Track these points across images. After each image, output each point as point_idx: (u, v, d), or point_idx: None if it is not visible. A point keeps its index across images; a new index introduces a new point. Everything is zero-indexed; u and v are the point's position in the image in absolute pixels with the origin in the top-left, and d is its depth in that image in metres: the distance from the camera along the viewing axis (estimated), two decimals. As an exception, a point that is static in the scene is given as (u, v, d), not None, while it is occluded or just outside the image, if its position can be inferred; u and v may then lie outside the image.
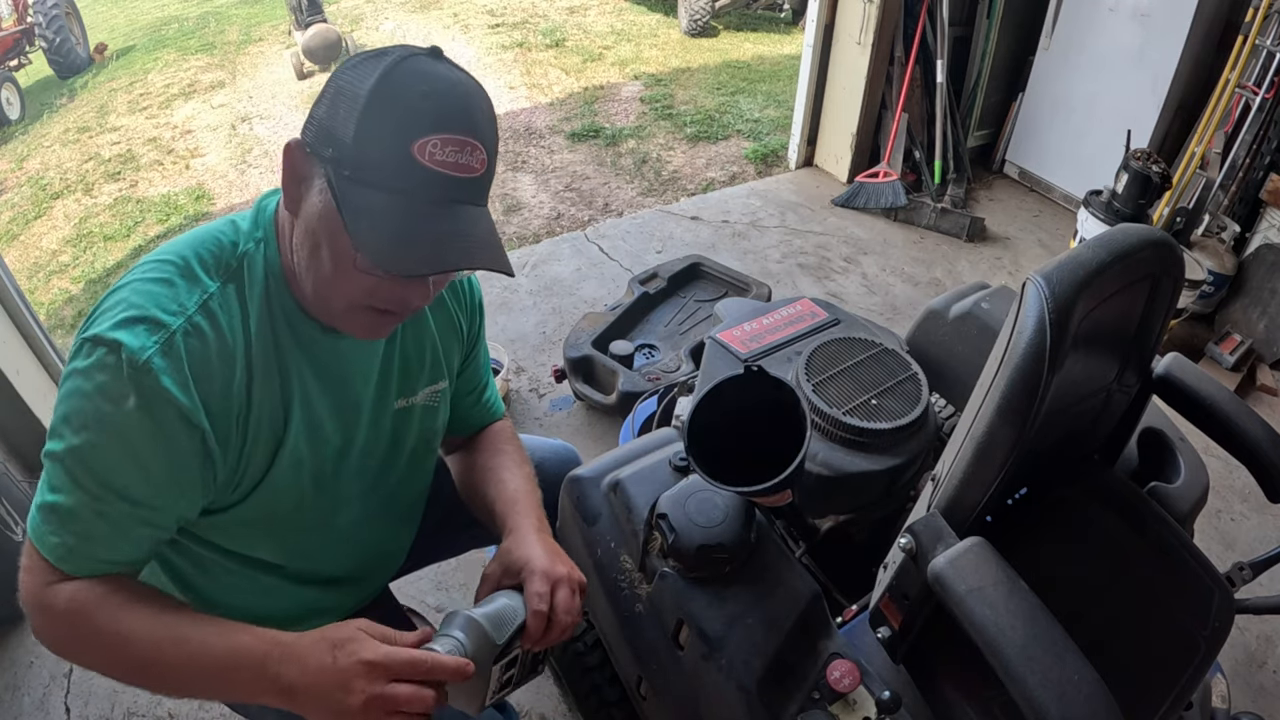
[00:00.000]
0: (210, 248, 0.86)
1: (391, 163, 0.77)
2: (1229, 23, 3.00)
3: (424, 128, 0.77)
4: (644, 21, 6.85)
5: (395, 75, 0.77)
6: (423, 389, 1.07)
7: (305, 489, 0.96)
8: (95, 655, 0.82)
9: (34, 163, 5.06)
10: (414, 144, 0.76)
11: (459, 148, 0.78)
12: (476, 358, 1.17)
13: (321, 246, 0.81)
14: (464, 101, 0.79)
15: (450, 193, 0.79)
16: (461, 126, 0.78)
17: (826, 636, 1.06)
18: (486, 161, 0.81)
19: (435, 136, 0.77)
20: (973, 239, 3.48)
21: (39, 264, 3.87)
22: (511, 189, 4.02)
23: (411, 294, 0.85)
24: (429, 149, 0.77)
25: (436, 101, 0.78)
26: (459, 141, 0.78)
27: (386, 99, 0.77)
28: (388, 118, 0.77)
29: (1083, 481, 1.25)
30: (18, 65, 6.69)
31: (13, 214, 4.41)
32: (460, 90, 0.80)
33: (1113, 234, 0.97)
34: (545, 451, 1.39)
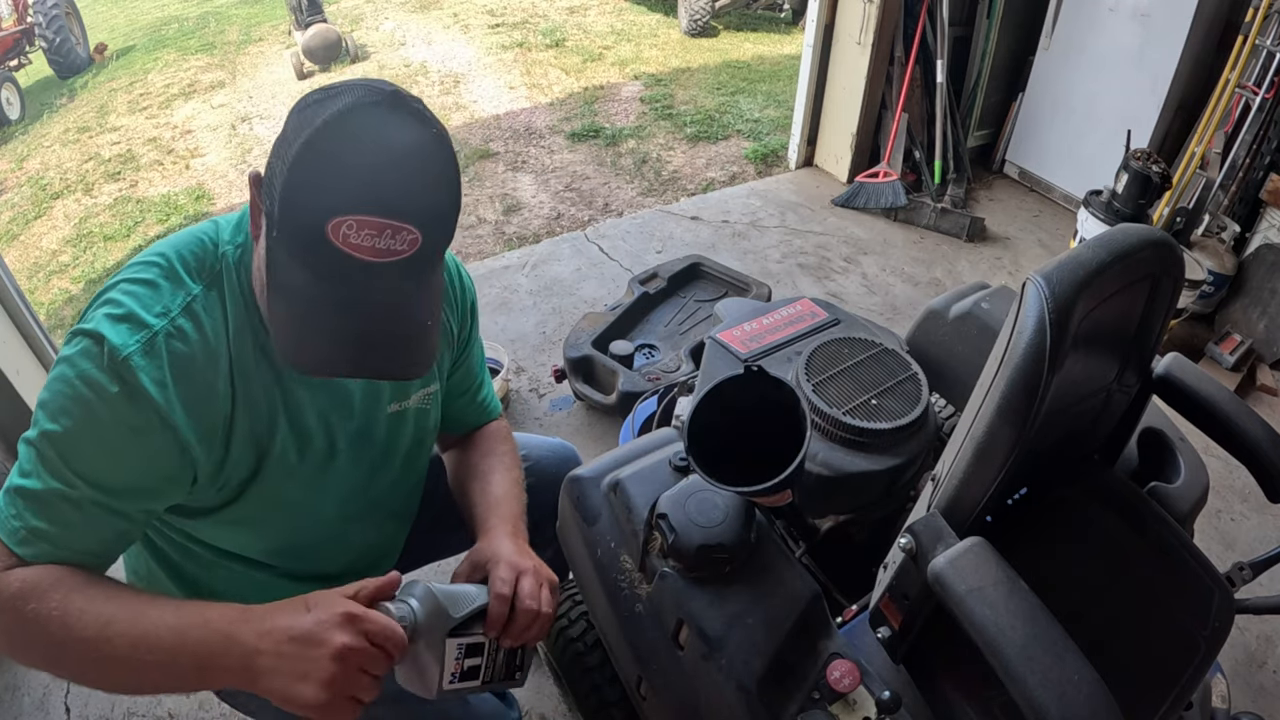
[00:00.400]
0: (194, 249, 0.86)
1: (308, 238, 0.71)
2: (1229, 23, 3.00)
3: (342, 205, 0.71)
4: (644, 21, 6.85)
5: (330, 132, 0.71)
6: (415, 392, 1.06)
7: (294, 492, 0.96)
8: (40, 644, 0.76)
9: (34, 163, 5.06)
10: (329, 223, 0.70)
11: (377, 231, 0.71)
12: (469, 359, 1.16)
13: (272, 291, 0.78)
14: (398, 172, 0.73)
15: (369, 279, 0.73)
16: (385, 207, 0.71)
17: (826, 636, 1.06)
18: (420, 240, 0.74)
19: (352, 217, 0.70)
20: (973, 239, 3.48)
21: (39, 264, 3.87)
22: (511, 189, 4.02)
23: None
24: (344, 230, 0.70)
25: (363, 174, 0.71)
26: (378, 225, 0.71)
27: (312, 162, 0.71)
28: (309, 185, 0.72)
29: (1083, 481, 1.25)
30: (18, 65, 6.69)
31: (13, 214, 4.41)
32: (398, 156, 0.73)
33: (1113, 234, 0.97)
34: (544, 450, 1.39)
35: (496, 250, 3.47)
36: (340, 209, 0.70)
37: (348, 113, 0.72)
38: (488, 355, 2.54)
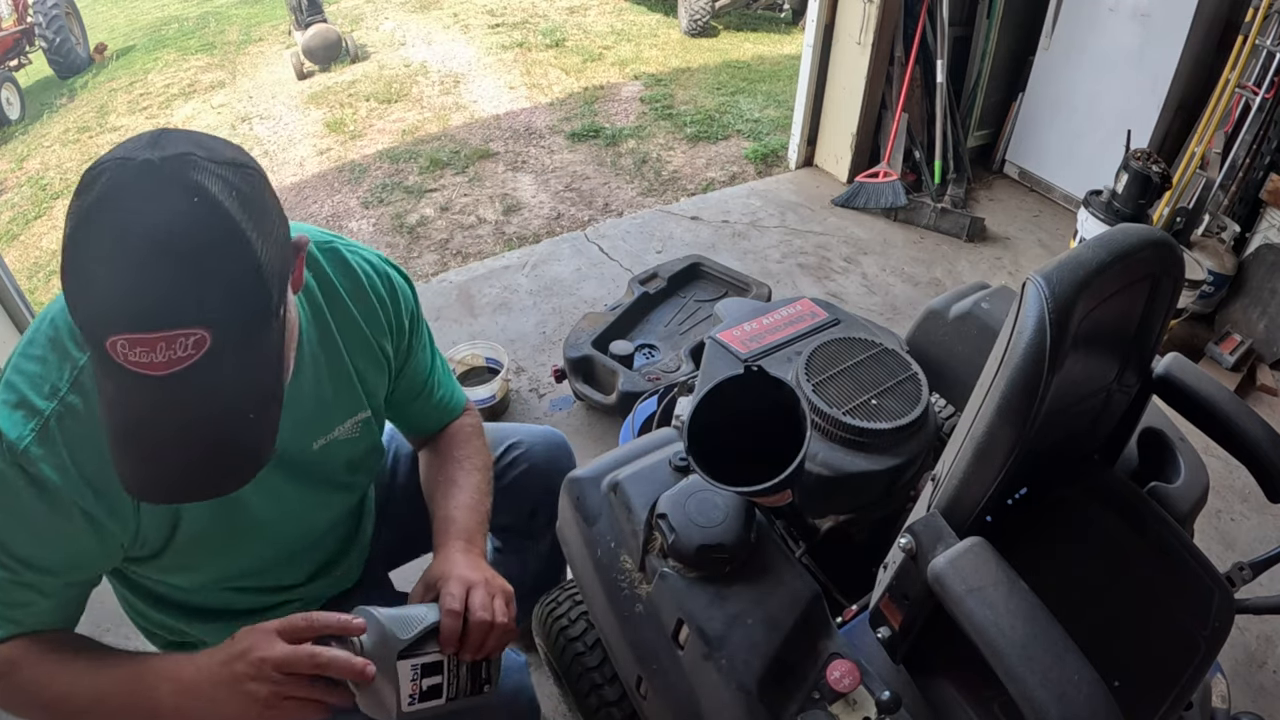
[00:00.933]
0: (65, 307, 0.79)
1: (96, 354, 0.65)
2: (1229, 22, 3.00)
3: (107, 322, 0.63)
4: (644, 21, 6.84)
5: (81, 234, 0.63)
6: (340, 424, 1.02)
7: (218, 541, 0.94)
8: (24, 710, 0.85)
9: (34, 163, 5.06)
10: (106, 341, 0.63)
11: (150, 347, 0.63)
12: (411, 367, 1.11)
13: None
14: (153, 273, 0.63)
15: (165, 393, 0.65)
16: (148, 319, 0.63)
17: (826, 636, 1.06)
18: (209, 337, 0.64)
19: (121, 336, 0.63)
20: (973, 239, 3.48)
21: (39, 264, 3.87)
22: (511, 189, 4.03)
23: None
24: (120, 348, 0.63)
25: (116, 286, 0.63)
26: (149, 340, 0.63)
27: (72, 271, 0.64)
28: (76, 297, 0.65)
29: (1083, 481, 1.25)
30: (18, 65, 6.69)
31: (13, 214, 4.41)
32: (150, 251, 0.63)
33: (1113, 234, 0.97)
34: (534, 438, 1.39)
35: (496, 250, 3.47)
36: (108, 327, 0.63)
37: (97, 205, 0.64)
38: (488, 355, 2.55)
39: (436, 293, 3.05)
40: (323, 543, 1.13)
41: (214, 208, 0.65)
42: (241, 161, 0.71)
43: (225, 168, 0.68)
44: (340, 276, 0.98)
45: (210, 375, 0.66)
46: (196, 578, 1.00)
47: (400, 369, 1.09)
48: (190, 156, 0.66)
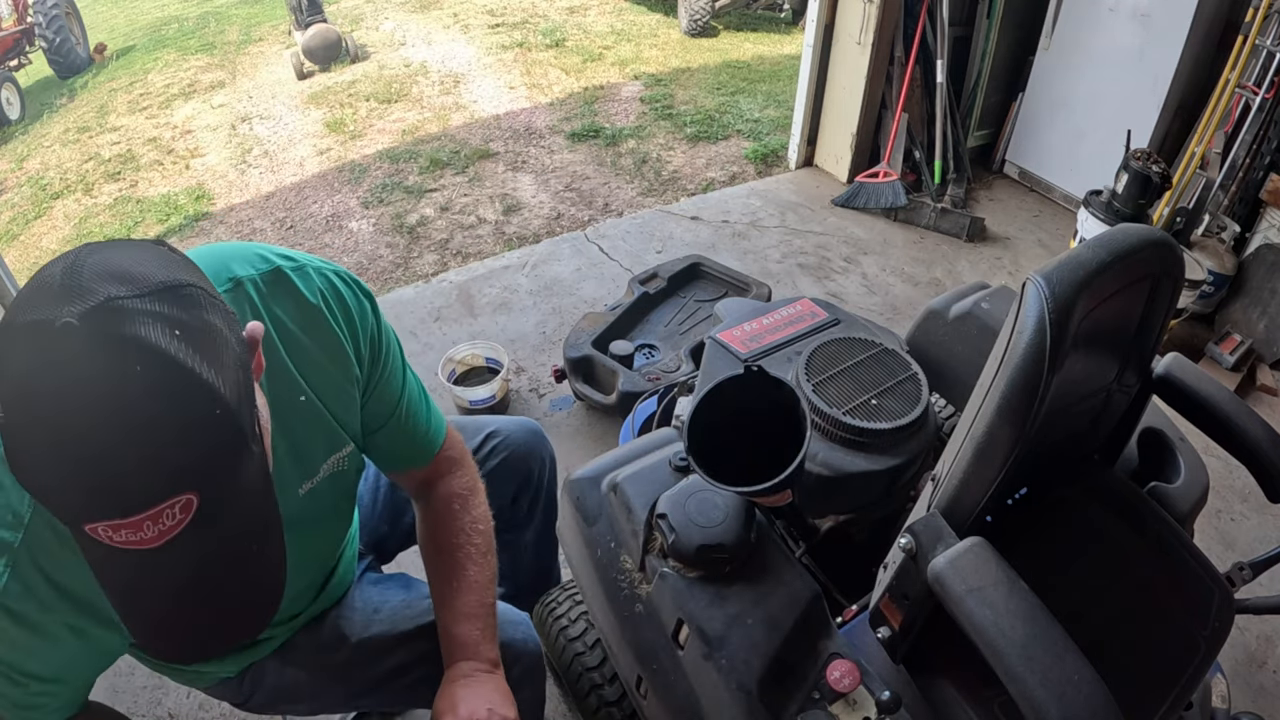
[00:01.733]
0: None
1: (76, 533, 0.60)
2: (1229, 22, 3.00)
3: (82, 515, 0.58)
4: (644, 21, 6.84)
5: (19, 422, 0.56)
6: (323, 464, 0.97)
7: None
8: None
9: (34, 163, 5.06)
10: (85, 526, 0.58)
11: (135, 527, 0.58)
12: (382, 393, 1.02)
13: None
14: (116, 456, 0.56)
15: (160, 560, 0.60)
16: (126, 504, 0.57)
17: (826, 636, 1.06)
18: (197, 497, 0.59)
19: (101, 524, 0.58)
20: (973, 239, 3.48)
21: (39, 264, 3.85)
22: (511, 189, 4.02)
23: None
24: (103, 532, 0.58)
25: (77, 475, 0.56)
26: (134, 523, 0.57)
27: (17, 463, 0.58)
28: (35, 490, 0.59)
29: (1083, 481, 1.25)
30: (18, 65, 6.70)
31: (13, 214, 4.41)
32: (111, 428, 0.56)
33: (1113, 234, 0.97)
34: (511, 427, 1.39)
35: (496, 250, 3.47)
36: (83, 517, 0.58)
37: (23, 392, 0.55)
38: (488, 355, 2.55)
39: (436, 293, 3.05)
40: (315, 569, 1.12)
41: (159, 363, 0.57)
42: (173, 281, 0.61)
43: (156, 299, 0.59)
44: (292, 312, 0.89)
45: (205, 530, 0.61)
46: None
47: (365, 392, 1.00)
48: (114, 303, 0.57)
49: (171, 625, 0.66)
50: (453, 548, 1.07)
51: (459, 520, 1.09)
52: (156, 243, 0.68)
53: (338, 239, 3.73)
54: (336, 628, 1.15)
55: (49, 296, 0.57)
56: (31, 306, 0.57)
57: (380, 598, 1.19)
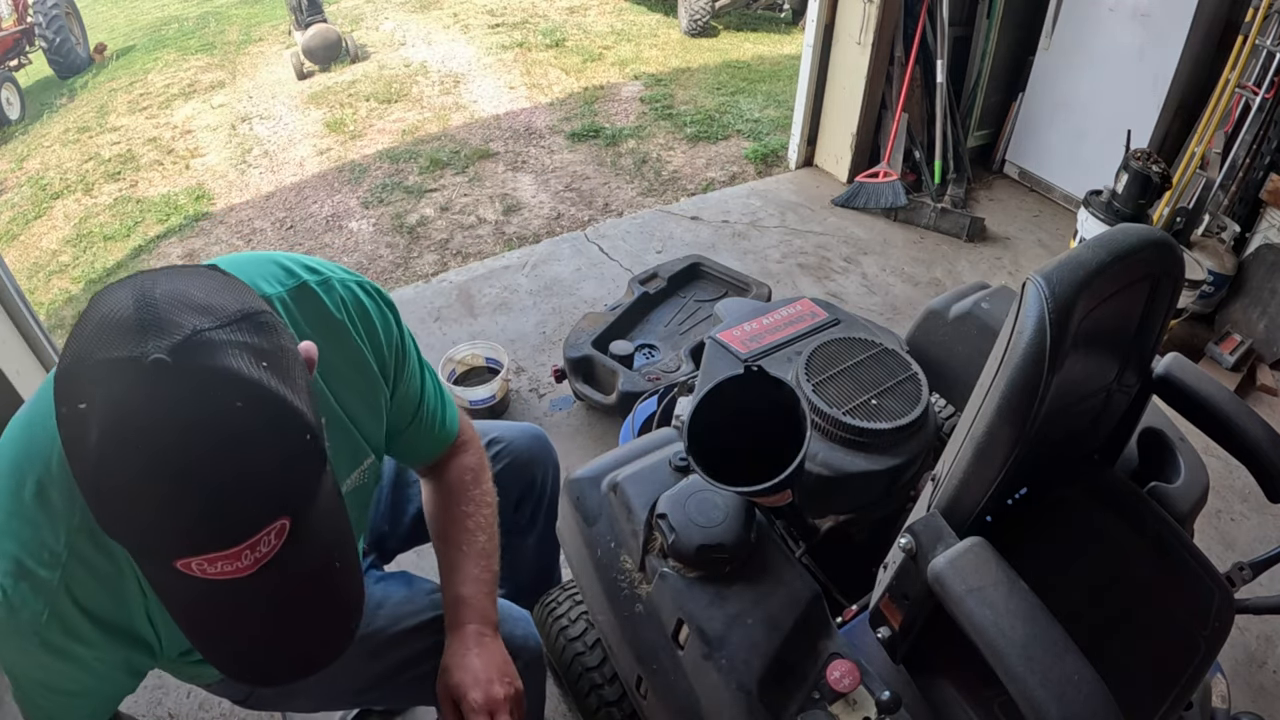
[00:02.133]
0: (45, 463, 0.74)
1: (163, 576, 0.61)
2: (1229, 22, 3.00)
3: (176, 550, 0.58)
4: (644, 21, 6.84)
5: (115, 464, 0.55)
6: (348, 478, 0.99)
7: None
8: None
9: (34, 163, 5.06)
10: (176, 563, 0.58)
11: (234, 557, 0.58)
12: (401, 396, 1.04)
13: None
14: (219, 489, 0.57)
15: (253, 586, 0.61)
16: (225, 536, 0.58)
17: (826, 636, 1.06)
18: (289, 520, 0.60)
19: (197, 558, 0.58)
20: (973, 239, 3.48)
21: (39, 264, 3.87)
22: (511, 189, 4.03)
23: None
24: (195, 566, 0.58)
25: (177, 514, 0.57)
26: (231, 554, 0.58)
27: (108, 504, 0.58)
28: (123, 533, 0.59)
29: (1083, 481, 1.25)
30: (18, 65, 6.70)
31: (13, 214, 4.41)
32: (215, 464, 0.56)
33: (1113, 234, 0.97)
34: (514, 433, 1.39)
35: (496, 250, 3.47)
36: (176, 553, 0.58)
37: (117, 432, 0.55)
38: (488, 355, 2.55)
39: (436, 293, 3.05)
40: None
41: (255, 395, 0.58)
42: (249, 309, 0.62)
43: (238, 329, 0.60)
44: (319, 327, 0.89)
45: (295, 551, 0.62)
46: None
47: (390, 399, 1.02)
48: (201, 336, 0.57)
49: (260, 650, 0.68)
50: (463, 516, 1.11)
51: (470, 491, 1.13)
52: (210, 268, 0.67)
53: (338, 239, 3.73)
54: None
55: (127, 331, 0.56)
56: (109, 342, 0.56)
57: (383, 594, 1.19)
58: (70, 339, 0.59)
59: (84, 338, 0.57)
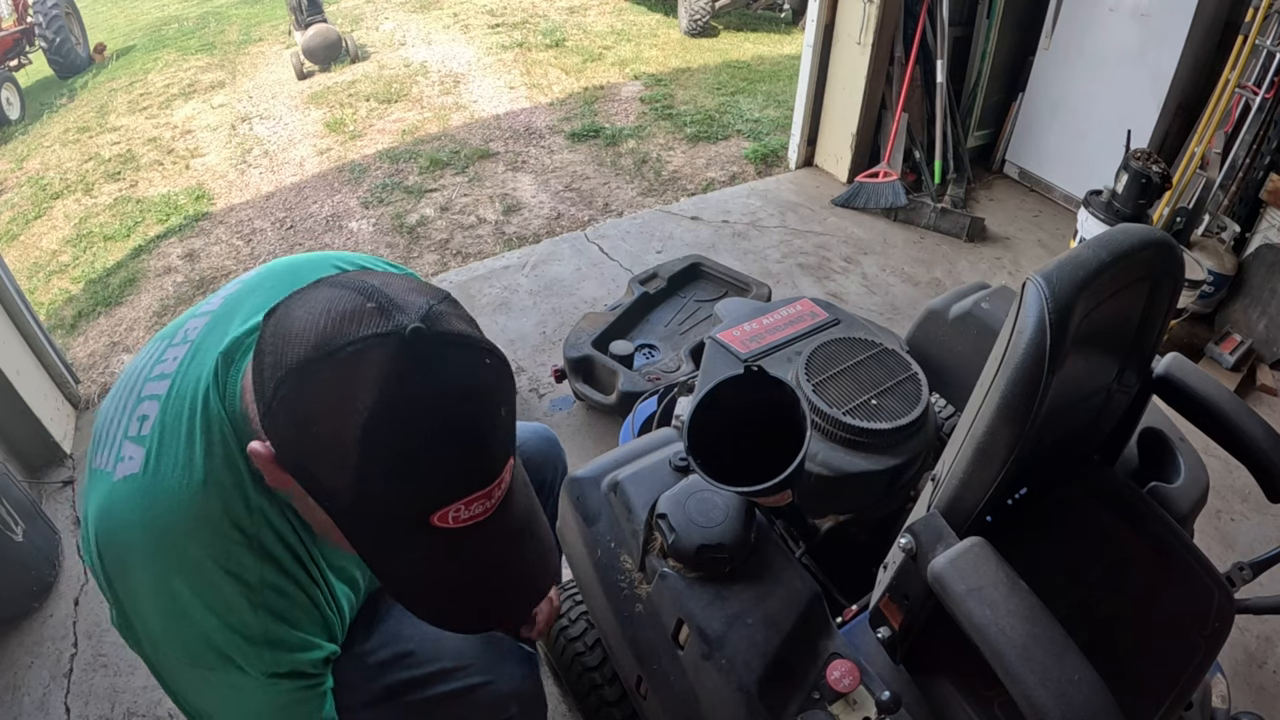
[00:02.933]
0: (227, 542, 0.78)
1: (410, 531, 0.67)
2: (1229, 23, 3.00)
3: (440, 498, 0.65)
4: (644, 21, 6.84)
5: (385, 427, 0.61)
6: None
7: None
8: None
9: (34, 163, 5.06)
10: (433, 515, 0.65)
11: (486, 497, 0.67)
12: None
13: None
14: (476, 434, 0.66)
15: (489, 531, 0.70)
16: (483, 476, 0.67)
17: (826, 636, 1.06)
18: (513, 460, 0.71)
19: (455, 504, 0.66)
20: (973, 239, 3.48)
21: (39, 264, 3.87)
22: (511, 189, 4.02)
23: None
24: (450, 516, 0.66)
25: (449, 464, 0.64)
26: (483, 495, 0.67)
27: (385, 468, 0.63)
28: (392, 494, 0.65)
29: (1083, 481, 1.25)
30: (18, 65, 6.70)
31: (13, 214, 4.41)
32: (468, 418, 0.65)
33: (1113, 234, 0.97)
34: (525, 434, 1.40)
35: (496, 250, 3.47)
36: (440, 502, 0.65)
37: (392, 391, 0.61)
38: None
39: (436, 293, 3.04)
40: None
41: (492, 351, 0.68)
42: (439, 290, 0.70)
43: (448, 303, 0.68)
44: None
45: (514, 488, 0.72)
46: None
47: None
48: (434, 310, 0.65)
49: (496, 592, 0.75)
50: None
51: None
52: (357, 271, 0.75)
53: (338, 239, 3.73)
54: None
55: (368, 315, 0.63)
56: (353, 328, 0.63)
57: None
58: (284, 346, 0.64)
59: (320, 335, 0.63)
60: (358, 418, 0.60)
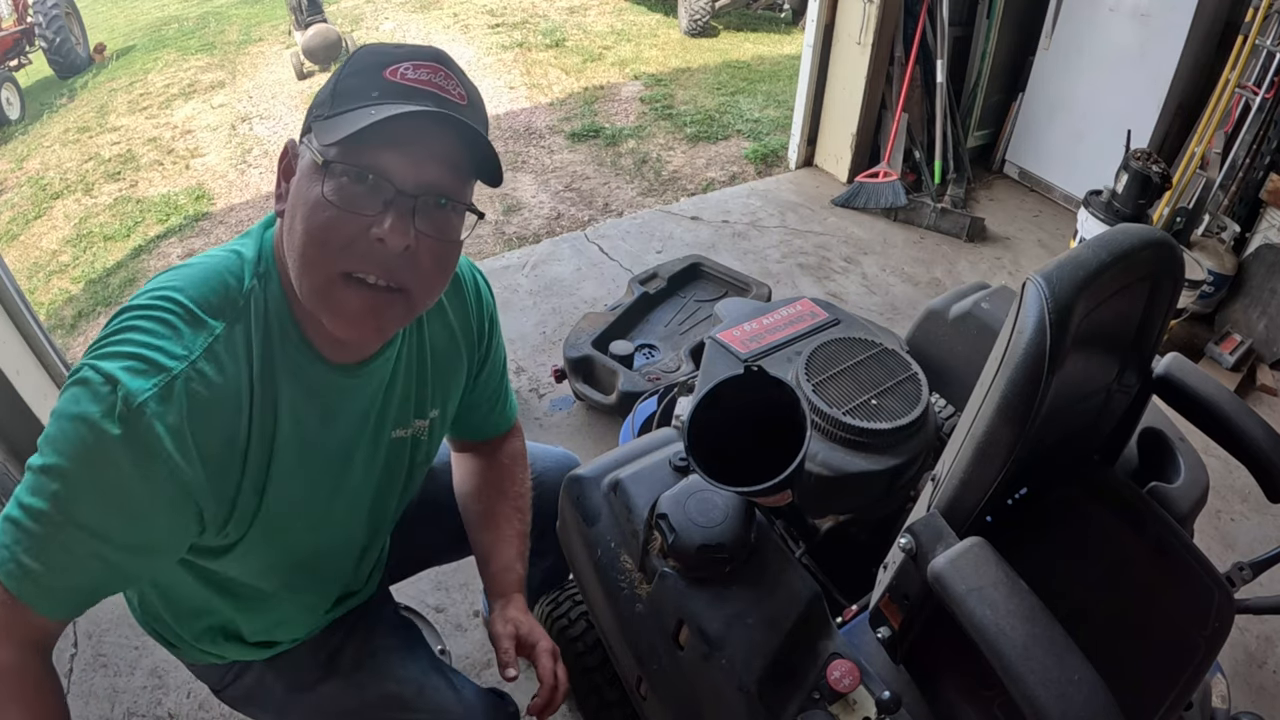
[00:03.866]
0: (215, 287, 0.82)
1: (363, 88, 0.77)
2: (1229, 22, 3.00)
3: (397, 59, 0.78)
4: (644, 21, 6.85)
5: (372, 45, 0.81)
6: (415, 420, 1.04)
7: (298, 525, 0.94)
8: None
9: (34, 163, 5.06)
10: (385, 70, 0.77)
11: (432, 70, 0.79)
12: (490, 372, 1.15)
13: (298, 214, 0.78)
14: (444, 55, 0.81)
15: (423, 100, 0.78)
16: (435, 59, 0.80)
17: (826, 636, 1.06)
18: (467, 98, 0.81)
19: (408, 62, 0.78)
20: (973, 239, 3.48)
21: (39, 264, 3.87)
22: (511, 189, 4.02)
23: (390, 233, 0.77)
24: (401, 70, 0.77)
25: (413, 49, 0.80)
26: (431, 67, 0.79)
27: (365, 54, 0.80)
28: (363, 62, 0.79)
29: (1083, 482, 1.25)
30: (18, 65, 6.70)
31: (13, 214, 4.41)
32: (443, 52, 0.82)
33: (1112, 234, 0.97)
34: (548, 462, 1.39)
35: (496, 250, 3.47)
36: (396, 60, 0.78)
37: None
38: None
39: (436, 293, 3.05)
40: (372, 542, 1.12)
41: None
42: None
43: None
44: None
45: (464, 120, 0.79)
46: (252, 564, 0.95)
47: (476, 375, 1.13)
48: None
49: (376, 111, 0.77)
50: (516, 495, 1.20)
51: (519, 474, 1.23)
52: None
53: (338, 239, 3.72)
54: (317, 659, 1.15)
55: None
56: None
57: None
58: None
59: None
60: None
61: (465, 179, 0.83)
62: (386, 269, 0.79)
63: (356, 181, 0.76)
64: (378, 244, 0.77)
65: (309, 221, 0.77)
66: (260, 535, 0.90)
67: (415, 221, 0.78)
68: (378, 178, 0.76)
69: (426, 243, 0.80)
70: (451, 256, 0.86)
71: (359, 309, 0.80)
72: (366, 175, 0.76)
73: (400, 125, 0.75)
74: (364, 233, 0.77)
